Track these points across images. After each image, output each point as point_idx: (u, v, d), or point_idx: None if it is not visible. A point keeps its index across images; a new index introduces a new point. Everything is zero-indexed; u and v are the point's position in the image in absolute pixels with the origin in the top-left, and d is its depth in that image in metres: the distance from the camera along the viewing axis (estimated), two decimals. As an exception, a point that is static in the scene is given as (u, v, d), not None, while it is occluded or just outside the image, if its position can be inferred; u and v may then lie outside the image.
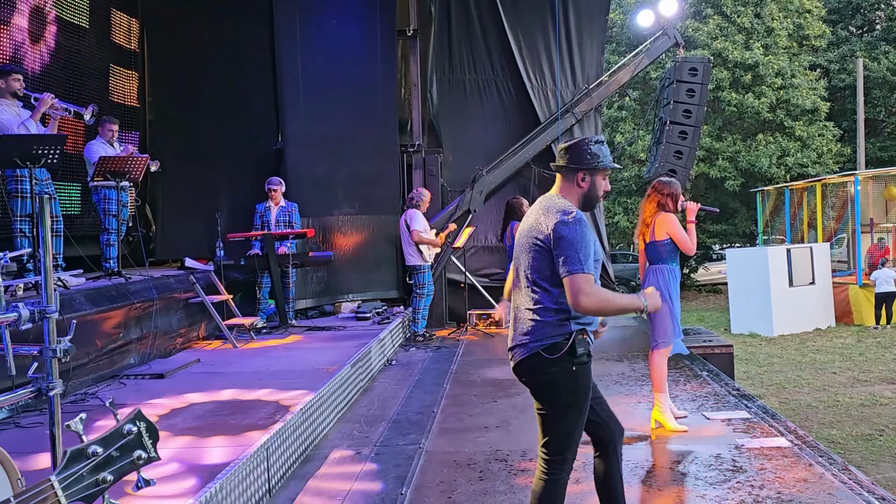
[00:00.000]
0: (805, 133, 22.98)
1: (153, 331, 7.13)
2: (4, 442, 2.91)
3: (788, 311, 13.75)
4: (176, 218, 10.50)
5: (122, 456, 1.46)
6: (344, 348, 7.51)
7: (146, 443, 1.49)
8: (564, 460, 3.14)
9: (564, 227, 3.08)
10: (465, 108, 11.74)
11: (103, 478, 1.42)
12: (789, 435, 5.18)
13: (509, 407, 6.24)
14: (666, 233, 5.45)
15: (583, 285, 3.02)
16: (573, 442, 3.15)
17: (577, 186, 3.25)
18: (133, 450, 1.47)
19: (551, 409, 3.18)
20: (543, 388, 3.19)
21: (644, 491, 4.29)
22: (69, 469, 1.40)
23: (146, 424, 1.50)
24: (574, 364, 3.10)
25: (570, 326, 3.11)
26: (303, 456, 4.99)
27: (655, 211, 5.54)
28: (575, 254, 3.05)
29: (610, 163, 3.28)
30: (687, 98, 10.35)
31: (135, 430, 1.48)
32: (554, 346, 3.11)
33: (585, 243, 3.07)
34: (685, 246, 5.44)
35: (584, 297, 3.01)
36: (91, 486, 1.41)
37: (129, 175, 7.51)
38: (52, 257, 6.70)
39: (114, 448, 1.45)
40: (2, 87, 6.68)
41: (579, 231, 3.08)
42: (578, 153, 3.24)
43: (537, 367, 3.16)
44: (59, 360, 2.80)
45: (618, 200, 24.84)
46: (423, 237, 9.37)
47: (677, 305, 5.52)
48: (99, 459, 1.43)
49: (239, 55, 10.49)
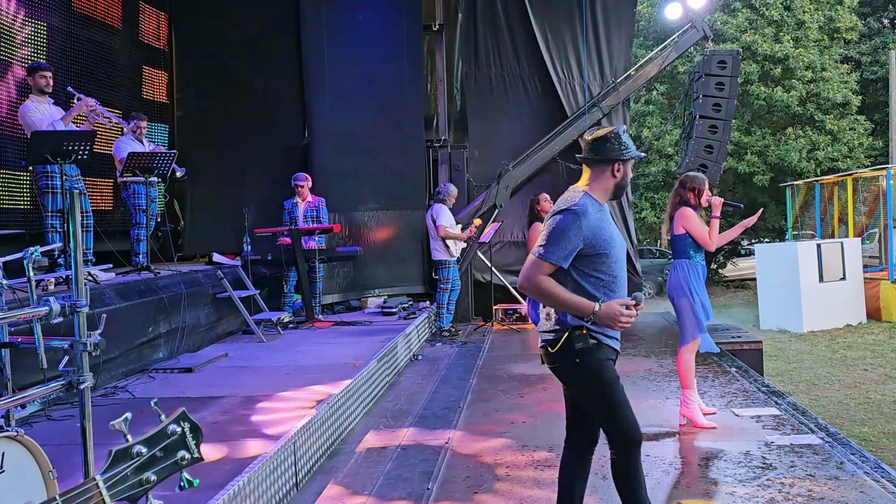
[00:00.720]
0: (836, 127, 22.63)
1: (181, 325, 7.19)
2: (36, 434, 2.95)
3: (819, 306, 13.56)
4: (204, 213, 10.60)
5: (165, 456, 1.46)
6: (370, 343, 7.53)
7: (190, 443, 1.50)
8: (613, 443, 3.20)
9: (552, 217, 3.17)
10: (491, 102, 11.71)
11: (147, 478, 1.43)
12: (820, 432, 5.11)
13: (536, 402, 6.21)
14: (682, 227, 5.39)
15: (528, 268, 3.13)
16: (619, 423, 3.17)
17: (612, 177, 3.26)
18: (177, 450, 1.48)
19: (583, 399, 3.28)
20: (563, 379, 3.30)
21: (672, 488, 4.26)
22: (114, 469, 1.41)
23: (190, 425, 1.51)
24: (577, 356, 3.13)
25: (567, 322, 3.14)
26: (330, 450, 5.01)
27: (677, 205, 5.49)
28: (545, 239, 3.13)
29: (637, 151, 3.30)
30: (716, 91, 10.23)
31: (179, 431, 1.49)
32: (553, 340, 3.19)
33: (562, 236, 3.10)
34: (703, 241, 5.36)
35: (523, 279, 3.15)
36: (135, 486, 1.42)
37: (158, 171, 7.58)
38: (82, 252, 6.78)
39: (158, 448, 1.46)
40: (31, 84, 6.79)
41: (563, 221, 3.12)
42: (610, 144, 3.24)
43: (548, 358, 3.25)
44: (89, 353, 2.82)
45: (644, 195, 24.65)
46: (449, 232, 9.36)
47: (699, 300, 5.42)
48: (143, 459, 1.43)
49: (266, 51, 10.55)
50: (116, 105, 9.41)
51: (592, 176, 3.28)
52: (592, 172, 3.28)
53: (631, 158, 3.26)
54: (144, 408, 1.45)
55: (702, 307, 5.42)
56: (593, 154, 3.26)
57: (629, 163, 3.29)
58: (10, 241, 6.26)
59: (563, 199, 3.24)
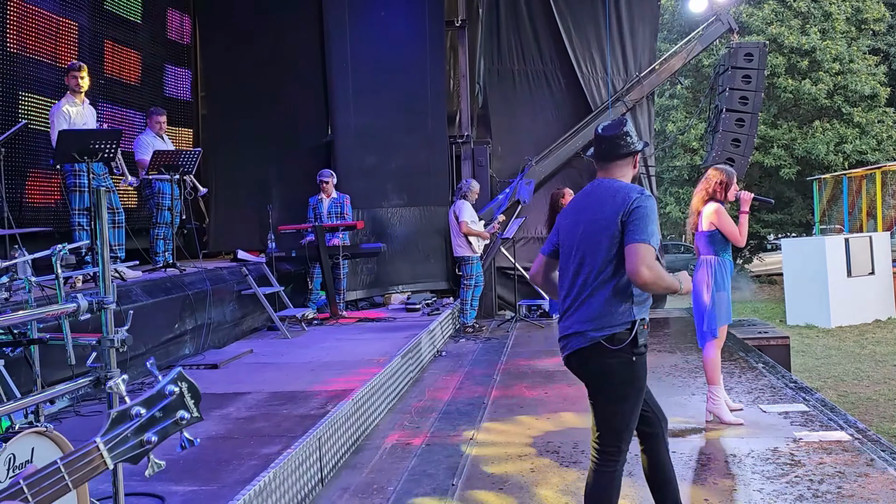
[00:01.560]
0: (864, 119, 22.33)
1: (207, 322, 7.24)
2: (65, 430, 2.98)
3: (847, 301, 13.40)
4: (228, 211, 10.66)
5: (165, 416, 1.47)
6: (394, 339, 7.54)
7: (188, 403, 1.50)
8: (619, 452, 3.10)
9: (641, 201, 3.09)
10: (514, 98, 11.67)
11: (147, 439, 1.44)
12: (849, 428, 5.05)
13: (560, 399, 6.19)
14: (712, 223, 5.31)
15: (646, 256, 3.00)
16: (628, 434, 3.11)
17: (634, 168, 3.32)
18: (176, 410, 1.48)
19: (608, 401, 3.13)
20: (599, 380, 3.13)
21: (699, 485, 4.22)
22: (113, 431, 1.42)
23: (188, 385, 1.51)
24: (634, 355, 3.05)
25: (634, 315, 3.06)
26: (354, 446, 5.02)
27: (705, 200, 5.41)
28: (645, 226, 3.04)
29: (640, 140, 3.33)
30: (743, 84, 10.12)
31: (177, 391, 1.49)
32: (614, 336, 3.04)
33: (655, 220, 3.09)
34: (734, 237, 5.27)
35: (645, 268, 2.98)
36: (136, 447, 1.42)
37: (183, 168, 7.63)
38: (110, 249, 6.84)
39: (156, 409, 1.46)
40: (67, 83, 6.88)
41: (652, 207, 3.10)
42: (627, 137, 3.25)
43: (595, 357, 3.08)
44: (116, 349, 2.85)
45: (669, 190, 24.47)
46: (472, 229, 9.35)
47: (726, 298, 5.34)
48: (142, 420, 1.44)
49: (289, 48, 10.58)
50: (140, 104, 9.51)
51: (615, 170, 3.27)
52: (614, 167, 3.27)
53: (643, 147, 3.33)
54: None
55: (726, 305, 5.35)
56: (614, 151, 3.25)
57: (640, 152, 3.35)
58: (40, 239, 6.34)
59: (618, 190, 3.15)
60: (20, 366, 4.28)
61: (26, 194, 7.66)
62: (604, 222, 3.10)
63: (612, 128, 3.27)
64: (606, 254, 3.08)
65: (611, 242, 3.07)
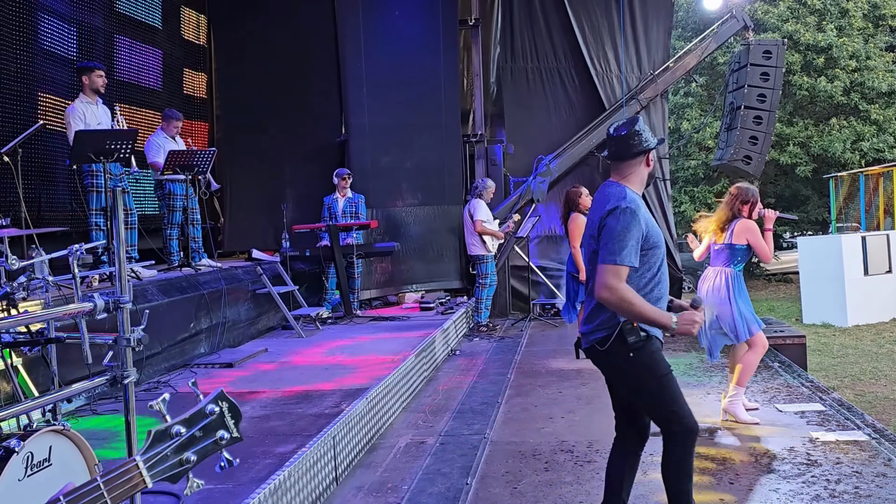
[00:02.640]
0: (881, 116, 22.12)
1: (222, 321, 7.27)
2: (81, 428, 3.00)
3: (864, 300, 13.29)
4: (243, 210, 10.70)
5: (205, 436, 1.47)
6: (408, 338, 7.55)
7: (228, 423, 1.50)
8: (672, 434, 3.15)
9: (610, 216, 3.10)
10: (528, 96, 11.64)
11: (187, 458, 1.44)
12: (867, 428, 5.01)
13: (574, 397, 6.18)
14: (746, 239, 5.34)
15: (607, 278, 3.01)
16: (673, 414, 3.14)
17: (647, 166, 3.30)
18: (216, 430, 1.48)
19: (630, 395, 3.26)
20: (611, 377, 3.28)
21: (715, 484, 4.20)
22: (153, 449, 1.42)
23: (228, 405, 1.51)
24: (630, 351, 3.09)
25: (619, 317, 3.09)
26: (368, 445, 5.03)
27: (730, 218, 5.44)
28: (611, 244, 3.04)
29: (654, 137, 3.30)
30: (761, 82, 10.06)
31: (217, 411, 1.49)
32: (603, 339, 3.14)
33: (627, 234, 3.04)
34: (763, 254, 5.34)
35: (605, 290, 3.01)
36: (175, 465, 1.43)
37: (198, 169, 7.66)
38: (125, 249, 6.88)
39: (196, 428, 1.47)
40: (86, 83, 6.88)
41: (623, 221, 3.06)
42: (639, 136, 3.24)
43: (597, 358, 3.23)
44: (132, 348, 2.86)
45: (684, 189, 24.34)
46: (486, 227, 9.34)
47: (747, 303, 5.38)
48: (182, 439, 1.44)
49: (303, 48, 10.62)
50: (156, 104, 9.56)
51: (627, 170, 3.27)
52: (626, 166, 3.27)
53: (658, 144, 3.30)
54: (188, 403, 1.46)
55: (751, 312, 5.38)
56: (625, 151, 3.25)
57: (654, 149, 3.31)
58: (57, 239, 6.39)
59: (607, 197, 3.19)
60: (38, 365, 4.31)
61: (44, 195, 7.71)
62: (593, 230, 3.21)
63: (622, 128, 3.27)
64: (597, 258, 3.16)
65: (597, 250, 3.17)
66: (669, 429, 3.15)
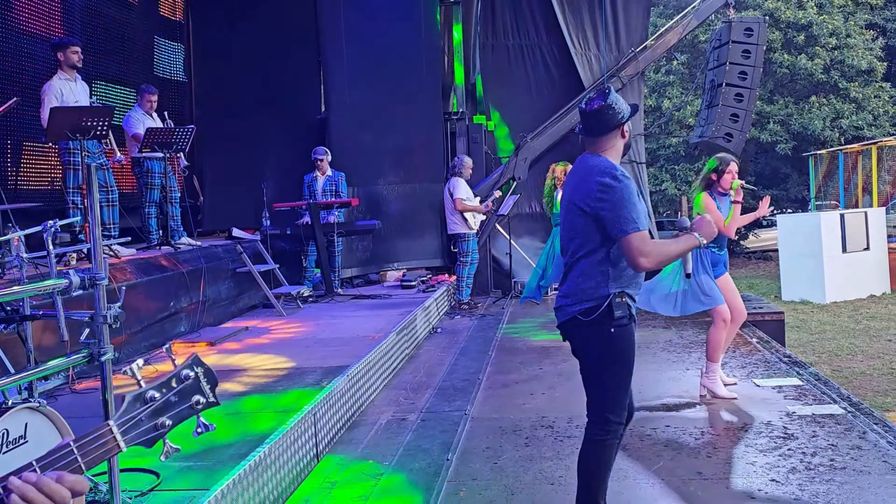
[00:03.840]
0: (860, 94, 22.27)
1: (202, 299, 7.24)
2: (61, 407, 2.98)
3: (842, 277, 13.43)
4: (222, 188, 10.63)
5: (180, 401, 1.46)
6: (389, 316, 7.55)
7: (204, 388, 1.49)
8: (607, 422, 3.14)
9: (605, 194, 3.06)
10: (509, 74, 11.60)
11: (162, 422, 1.43)
12: (842, 402, 5.08)
13: (555, 374, 6.21)
14: (697, 213, 5.34)
15: (640, 245, 3.00)
16: (616, 405, 3.14)
17: (622, 137, 3.26)
18: (191, 395, 1.48)
19: (590, 372, 3.22)
20: (581, 351, 3.25)
21: (692, 458, 4.25)
22: (128, 414, 1.41)
23: (203, 369, 1.50)
24: (613, 327, 3.09)
25: (608, 289, 3.09)
26: (350, 422, 5.04)
27: (703, 187, 5.46)
28: (621, 215, 3.02)
29: (627, 105, 3.27)
30: (742, 59, 10.07)
31: (192, 375, 1.49)
32: (589, 309, 3.11)
33: (632, 200, 3.05)
34: (719, 225, 5.32)
35: (642, 258, 3.01)
36: (150, 430, 1.42)
37: (177, 146, 7.59)
38: (104, 226, 6.81)
39: (172, 393, 1.46)
40: (62, 60, 6.79)
41: (627, 189, 3.06)
42: (613, 109, 3.20)
43: (575, 330, 3.20)
44: (109, 325, 2.84)
45: (665, 167, 24.43)
46: (466, 205, 9.33)
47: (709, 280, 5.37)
48: (157, 404, 1.44)
49: (282, 25, 10.51)
50: (132, 80, 9.44)
51: (605, 143, 3.25)
52: (603, 140, 3.25)
53: (629, 119, 3.25)
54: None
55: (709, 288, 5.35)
56: (600, 125, 3.22)
57: (629, 119, 3.27)
58: (35, 217, 6.31)
59: (592, 168, 3.16)
60: (14, 343, 4.28)
61: (21, 172, 7.62)
62: (576, 203, 3.17)
63: (595, 102, 3.25)
64: (580, 233, 3.16)
65: (583, 222, 3.14)
66: (605, 416, 3.13)
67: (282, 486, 3.78)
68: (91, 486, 3.21)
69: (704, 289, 5.29)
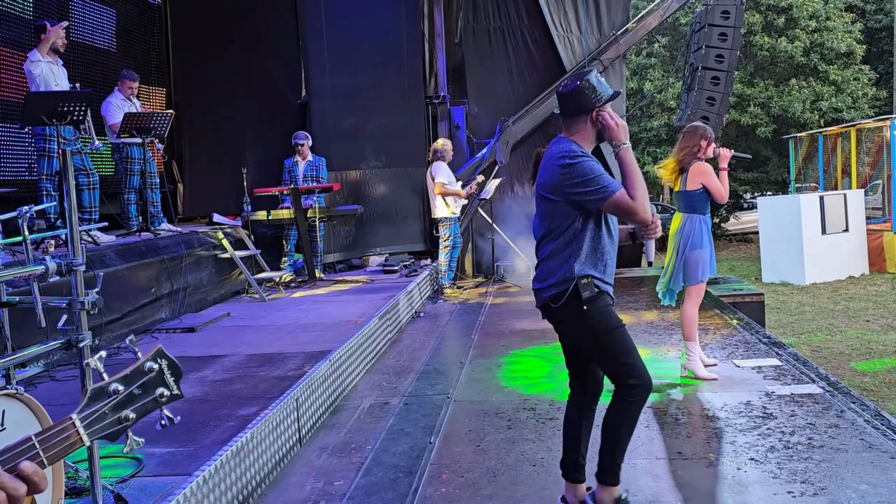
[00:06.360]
0: (839, 77, 22.41)
1: (183, 286, 7.20)
2: (40, 395, 2.96)
3: (821, 259, 13.55)
4: (203, 174, 10.55)
5: (144, 394, 1.45)
6: (372, 301, 7.55)
7: (168, 380, 1.48)
8: (625, 387, 3.19)
9: (569, 167, 3.11)
10: (491, 57, 11.57)
11: (126, 416, 1.42)
12: (821, 382, 5.13)
13: (537, 357, 6.23)
14: (700, 183, 5.33)
15: (622, 199, 3.06)
16: (625, 367, 3.18)
17: (593, 125, 3.24)
18: (155, 387, 1.47)
19: (587, 351, 3.31)
20: (561, 332, 3.34)
21: (673, 438, 4.28)
22: (91, 407, 1.40)
23: (168, 362, 1.49)
24: (584, 304, 3.13)
25: (574, 272, 3.13)
26: (332, 406, 5.04)
27: (687, 157, 5.41)
28: (591, 185, 3.08)
29: (610, 89, 3.26)
30: (719, 42, 10.09)
31: (156, 368, 1.47)
32: (557, 295, 3.18)
33: (594, 171, 3.09)
34: (719, 194, 5.32)
35: (633, 203, 3.07)
36: (113, 423, 1.41)
37: (156, 132, 7.52)
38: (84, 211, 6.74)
39: (135, 386, 1.45)
40: (42, 40, 6.68)
41: (586, 162, 3.12)
42: (584, 95, 3.20)
43: (550, 313, 3.28)
44: (87, 312, 2.82)
45: (647, 150, 24.50)
46: (448, 189, 9.31)
47: (710, 253, 5.42)
48: (121, 397, 1.42)
49: (263, 8, 10.42)
50: (110, 66, 9.32)
51: (574, 127, 3.26)
52: (574, 123, 3.26)
53: (606, 102, 3.23)
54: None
55: (709, 261, 5.41)
56: (570, 106, 3.24)
57: (608, 104, 3.26)
58: (9, 203, 6.24)
59: (553, 155, 3.20)
60: (-8, 331, 4.23)
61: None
62: (543, 188, 3.23)
63: (568, 84, 3.25)
64: (549, 218, 3.22)
65: (551, 205, 3.20)
66: (623, 382, 3.19)
67: (264, 471, 3.78)
68: (71, 472, 3.19)
69: (689, 264, 5.35)
